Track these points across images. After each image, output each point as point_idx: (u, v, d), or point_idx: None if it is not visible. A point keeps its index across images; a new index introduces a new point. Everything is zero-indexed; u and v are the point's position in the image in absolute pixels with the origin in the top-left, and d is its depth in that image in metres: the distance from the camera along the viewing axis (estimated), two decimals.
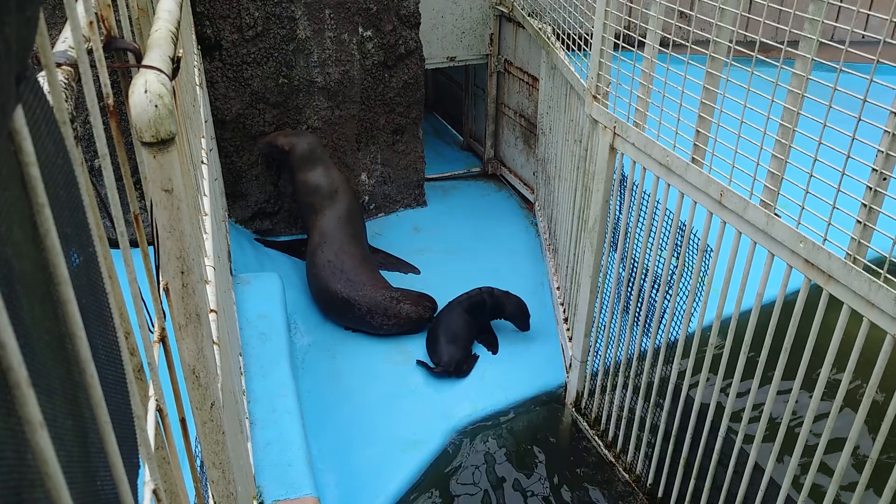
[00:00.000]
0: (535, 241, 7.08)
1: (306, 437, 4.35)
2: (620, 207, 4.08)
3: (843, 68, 2.36)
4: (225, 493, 2.18)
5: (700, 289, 3.50)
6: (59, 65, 1.18)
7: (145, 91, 1.45)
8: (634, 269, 4.02)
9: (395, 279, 6.31)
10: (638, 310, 4.07)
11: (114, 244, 1.17)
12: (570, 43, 4.97)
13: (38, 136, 0.65)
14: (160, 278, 1.71)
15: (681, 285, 3.63)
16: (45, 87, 0.79)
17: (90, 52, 1.24)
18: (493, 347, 5.64)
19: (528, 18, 6.52)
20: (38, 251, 0.64)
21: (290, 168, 6.24)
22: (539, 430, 4.98)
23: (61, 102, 0.81)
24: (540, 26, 6.18)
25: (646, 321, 4.01)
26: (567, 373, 5.18)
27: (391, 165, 7.31)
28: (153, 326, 1.59)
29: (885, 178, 2.38)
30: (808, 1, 2.50)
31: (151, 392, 1.44)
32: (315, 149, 6.21)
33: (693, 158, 3.31)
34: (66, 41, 1.28)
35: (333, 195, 6.15)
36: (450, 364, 5.24)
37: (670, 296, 3.72)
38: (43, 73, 0.82)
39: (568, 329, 5.38)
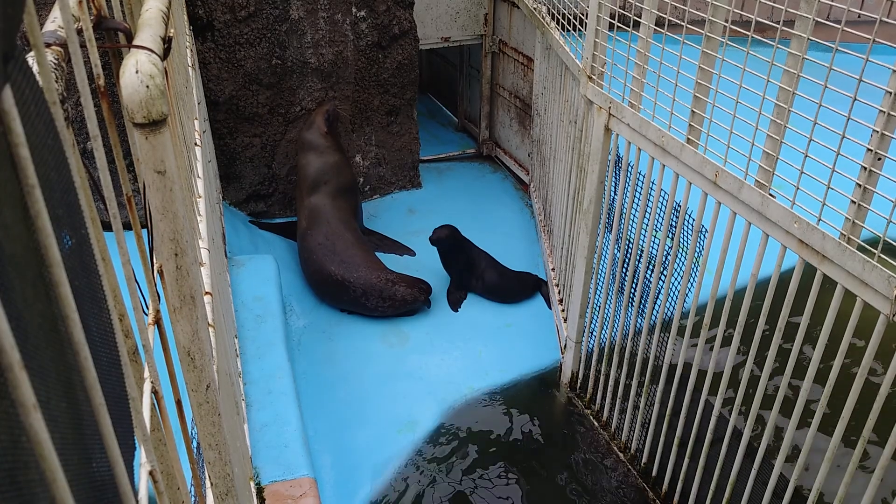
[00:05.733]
0: (530, 223, 7.08)
1: (302, 419, 4.37)
2: (615, 188, 4.08)
3: (839, 48, 2.35)
4: (221, 474, 2.19)
5: (695, 269, 3.51)
6: (48, 45, 1.16)
7: (136, 71, 1.43)
8: (629, 250, 4.03)
9: (391, 261, 6.31)
10: (633, 291, 4.08)
11: (107, 227, 1.16)
12: (565, 23, 4.94)
13: (27, 116, 0.64)
14: (154, 261, 1.70)
15: (675, 266, 3.64)
16: (35, 68, 0.78)
17: (80, 32, 1.22)
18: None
19: None
20: (30, 233, 0.64)
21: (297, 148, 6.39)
22: (534, 411, 5.01)
23: (51, 83, 0.80)
24: (535, 6, 6.14)
25: (640, 302, 4.02)
26: (562, 353, 5.20)
27: (385, 147, 7.28)
28: (147, 309, 1.58)
29: (879, 158, 2.38)
30: None
31: (146, 374, 1.44)
32: (311, 142, 6.23)
33: (688, 139, 3.31)
34: (55, 21, 1.26)
35: (327, 180, 6.15)
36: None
37: (665, 276, 3.73)
38: (32, 53, 0.81)
39: (563, 310, 5.39)
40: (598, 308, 4.53)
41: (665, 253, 3.70)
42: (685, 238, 3.54)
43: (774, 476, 3.14)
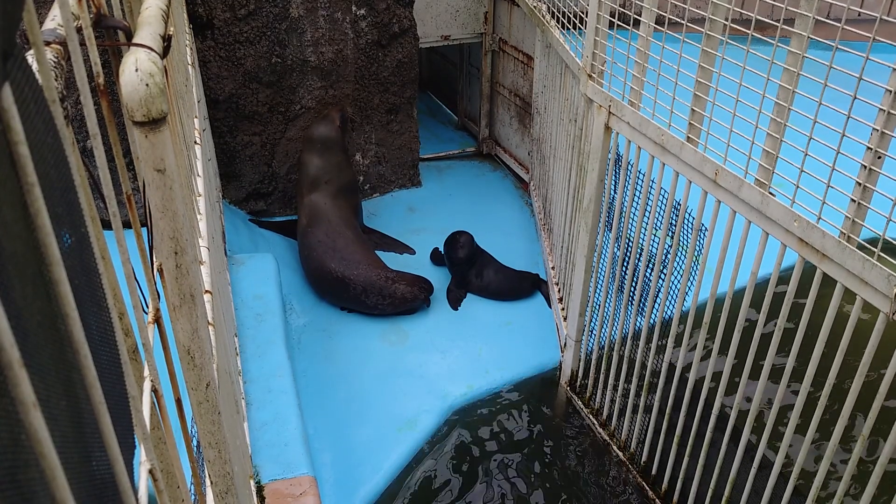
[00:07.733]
0: (530, 221, 7.08)
1: (302, 417, 4.37)
2: (615, 187, 4.08)
3: (839, 46, 2.35)
4: (221, 472, 2.19)
5: (694, 268, 3.51)
6: (48, 43, 1.16)
7: (136, 70, 1.43)
8: (629, 249, 4.03)
9: (391, 259, 6.31)
10: (633, 289, 4.08)
11: (106, 225, 1.16)
12: (566, 21, 4.93)
13: (26, 114, 0.64)
14: (154, 259, 1.70)
15: (675, 264, 3.64)
16: (34, 66, 0.78)
17: (79, 30, 1.22)
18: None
19: None
20: (29, 231, 0.64)
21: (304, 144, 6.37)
22: (534, 409, 5.01)
23: (51, 81, 0.80)
24: (535, 4, 6.13)
25: (640, 301, 4.02)
26: (562, 352, 5.20)
27: (385, 145, 7.28)
28: (147, 307, 1.58)
29: (879, 157, 2.38)
30: None
31: (146, 373, 1.44)
32: (325, 138, 6.23)
33: (688, 137, 3.31)
34: (54, 19, 1.26)
35: (328, 178, 6.14)
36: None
37: (665, 275, 3.73)
38: (31, 51, 0.81)
39: (563, 308, 5.39)
40: (597, 307, 4.53)
41: (665, 251, 3.70)
42: (685, 236, 3.54)
43: (774, 474, 3.14)
